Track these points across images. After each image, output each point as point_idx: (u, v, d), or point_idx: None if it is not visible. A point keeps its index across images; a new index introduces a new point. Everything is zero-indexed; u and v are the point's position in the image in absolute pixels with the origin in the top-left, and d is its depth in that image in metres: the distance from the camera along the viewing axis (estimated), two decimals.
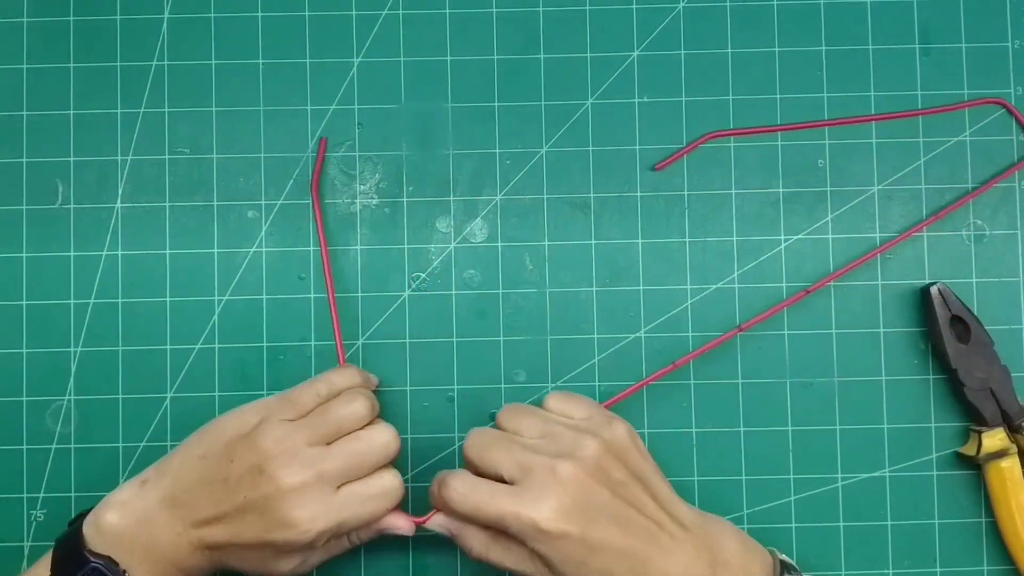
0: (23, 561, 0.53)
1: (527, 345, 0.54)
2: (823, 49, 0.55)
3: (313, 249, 0.54)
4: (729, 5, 0.55)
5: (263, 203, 0.55)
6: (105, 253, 0.54)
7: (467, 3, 0.55)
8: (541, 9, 0.55)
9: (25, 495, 0.53)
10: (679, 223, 0.55)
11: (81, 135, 0.55)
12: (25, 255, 0.54)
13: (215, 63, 0.55)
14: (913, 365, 0.54)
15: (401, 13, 0.55)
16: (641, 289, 0.54)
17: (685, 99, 0.55)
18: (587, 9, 0.55)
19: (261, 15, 0.55)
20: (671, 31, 0.55)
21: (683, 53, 0.55)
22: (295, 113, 0.55)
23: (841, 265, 0.54)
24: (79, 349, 0.54)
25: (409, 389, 0.54)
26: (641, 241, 0.55)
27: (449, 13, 0.55)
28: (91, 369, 0.54)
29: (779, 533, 0.53)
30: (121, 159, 0.55)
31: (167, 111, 0.55)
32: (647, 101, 0.55)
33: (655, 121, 0.55)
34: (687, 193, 0.55)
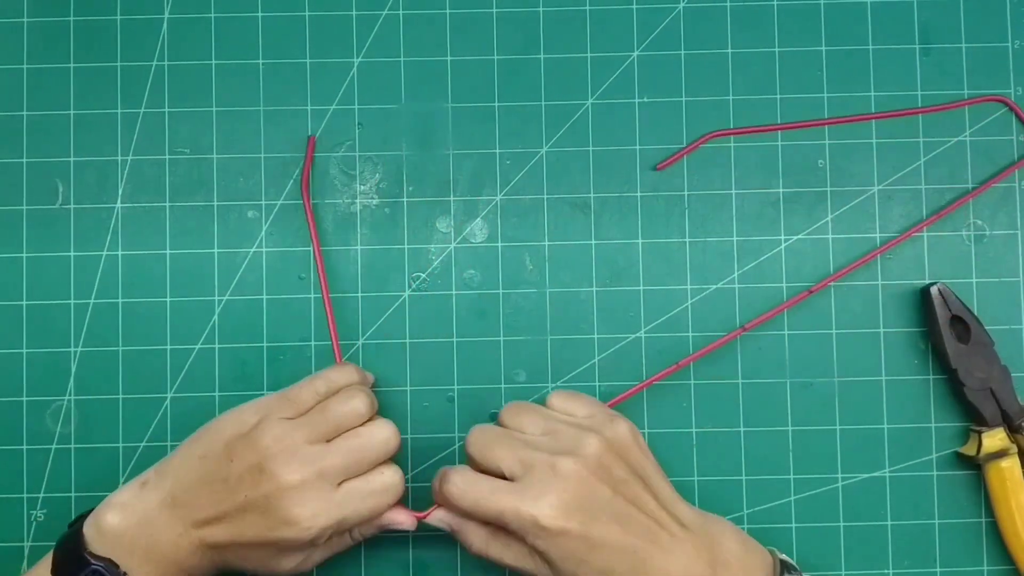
0: (23, 561, 0.53)
1: (527, 345, 0.54)
2: (823, 49, 0.55)
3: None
4: (729, 5, 0.55)
5: (263, 203, 0.55)
6: (105, 253, 0.54)
7: (467, 3, 0.55)
8: (541, 9, 0.55)
9: (25, 495, 0.53)
10: (679, 223, 0.55)
11: (81, 135, 0.55)
12: (25, 255, 0.54)
13: (215, 63, 0.55)
14: (913, 365, 0.54)
15: (401, 13, 0.55)
16: (641, 289, 0.54)
17: (685, 99, 0.55)
18: (587, 9, 0.55)
19: (261, 15, 0.55)
20: (671, 31, 0.55)
21: (683, 53, 0.55)
22: (295, 113, 0.55)
23: (841, 265, 0.54)
24: (79, 349, 0.54)
25: (409, 389, 0.54)
26: (641, 241, 0.55)
27: (449, 13, 0.55)
28: (91, 369, 0.54)
29: (779, 533, 0.53)
30: (121, 159, 0.55)
31: (167, 111, 0.55)
32: (647, 101, 0.55)
33: (655, 121, 0.55)
34: (687, 193, 0.55)
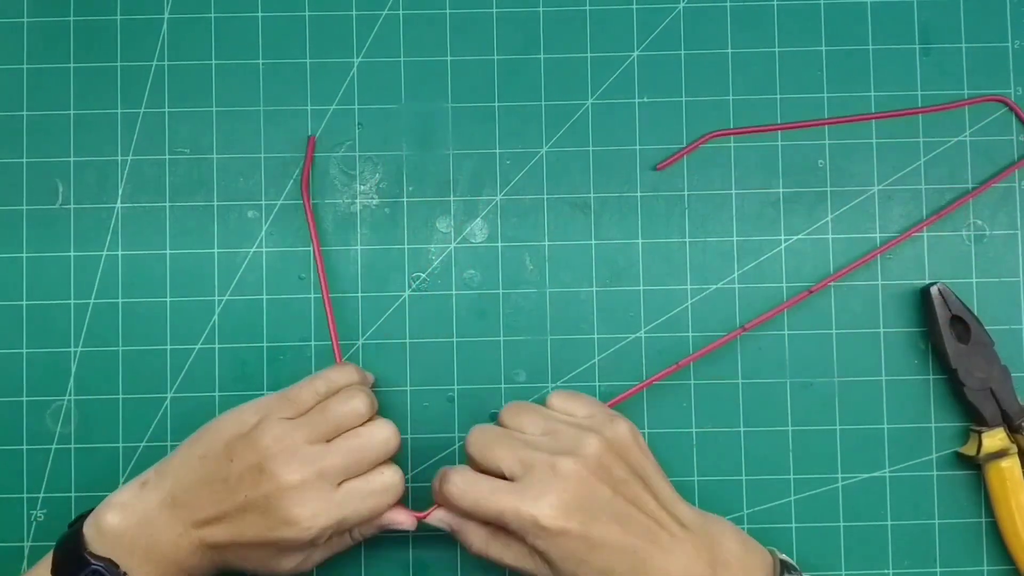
0: (23, 561, 0.53)
1: (527, 345, 0.54)
2: (823, 49, 0.55)
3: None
4: (729, 5, 0.55)
5: (263, 203, 0.55)
6: (105, 253, 0.54)
7: (467, 3, 0.55)
8: (541, 9, 0.55)
9: (25, 495, 0.53)
10: (679, 223, 0.55)
11: (81, 135, 0.55)
12: (25, 255, 0.54)
13: (215, 63, 0.55)
14: (913, 365, 0.54)
15: (401, 13, 0.55)
16: (641, 289, 0.54)
17: (685, 99, 0.55)
18: (587, 9, 0.55)
19: (261, 15, 0.55)
20: (671, 31, 0.55)
21: (683, 53, 0.55)
22: (295, 113, 0.55)
23: (841, 265, 0.54)
24: (79, 349, 0.54)
25: (409, 389, 0.54)
26: (641, 241, 0.55)
27: (449, 13, 0.55)
28: (91, 369, 0.54)
29: (779, 533, 0.53)
30: (121, 159, 0.55)
31: (167, 111, 0.55)
32: (647, 101, 0.55)
33: (655, 121, 0.55)
34: (687, 193, 0.55)
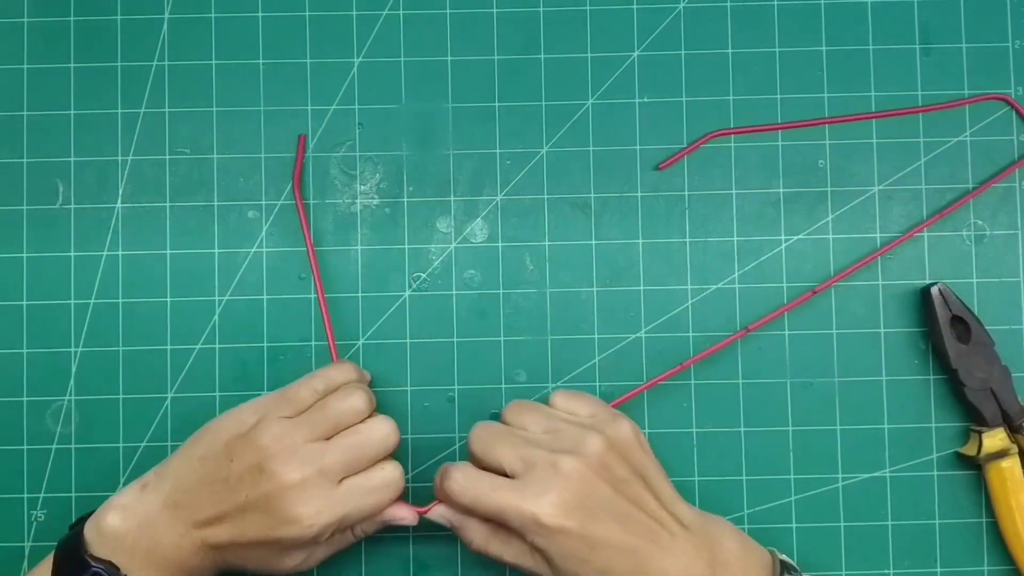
0: (23, 561, 0.53)
1: (527, 345, 0.54)
2: (823, 49, 0.55)
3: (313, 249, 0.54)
4: (729, 5, 0.55)
5: (263, 203, 0.55)
6: (105, 253, 0.54)
7: (467, 3, 0.55)
8: (541, 9, 0.55)
9: (25, 495, 0.53)
10: (679, 223, 0.55)
11: (81, 135, 0.55)
12: (25, 255, 0.54)
13: (215, 63, 0.55)
14: (913, 365, 0.54)
15: (401, 13, 0.55)
16: (642, 289, 0.54)
17: (685, 99, 0.55)
18: (587, 9, 0.55)
19: (261, 15, 0.55)
20: (671, 31, 0.55)
21: (683, 53, 0.55)
22: (295, 113, 0.55)
23: (841, 265, 0.54)
24: (79, 349, 0.54)
25: (409, 389, 0.54)
26: (642, 241, 0.55)
27: (449, 13, 0.55)
28: (91, 369, 0.54)
29: (779, 533, 0.53)
30: (121, 159, 0.55)
31: (167, 111, 0.55)
32: (647, 101, 0.55)
33: (655, 121, 0.55)
34: (687, 193, 0.55)
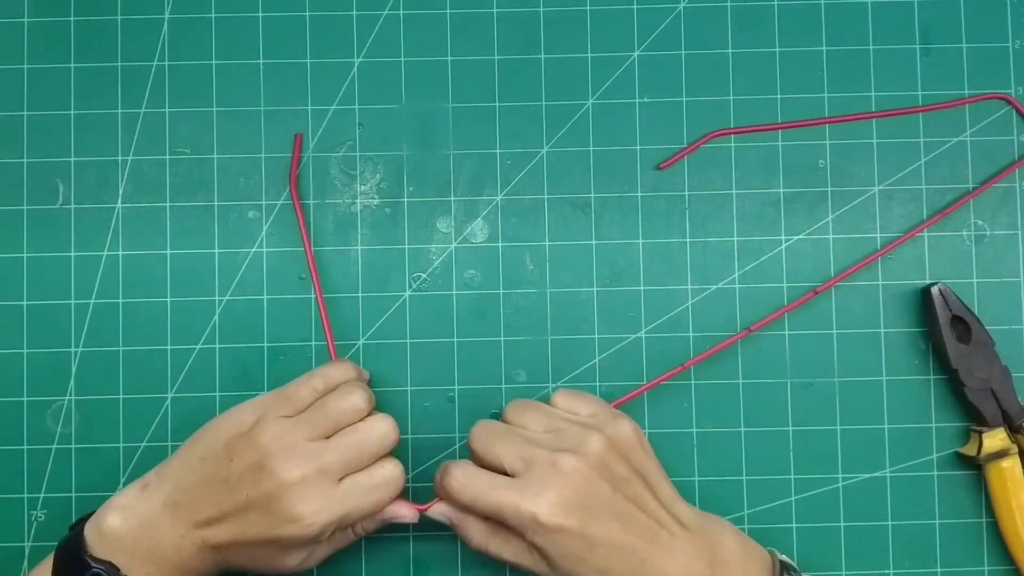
0: (23, 561, 0.53)
1: (527, 345, 0.54)
2: (824, 49, 0.55)
3: (313, 249, 0.54)
4: (730, 5, 0.55)
5: (264, 203, 0.55)
6: (106, 253, 0.54)
7: (467, 3, 0.55)
8: (541, 9, 0.55)
9: (26, 495, 0.53)
10: (680, 223, 0.55)
11: (81, 135, 0.55)
12: (26, 255, 0.54)
13: (215, 63, 0.55)
14: (914, 365, 0.54)
15: (401, 13, 0.55)
16: (642, 289, 0.54)
17: (686, 99, 0.55)
18: (587, 9, 0.55)
19: (261, 15, 0.55)
20: (672, 31, 0.55)
21: (684, 53, 0.55)
22: (295, 113, 0.55)
23: (842, 265, 0.54)
24: (80, 349, 0.54)
25: (409, 389, 0.54)
26: (642, 241, 0.55)
27: (449, 13, 0.55)
28: (92, 369, 0.54)
29: (779, 533, 0.53)
30: (121, 159, 0.55)
31: (167, 111, 0.55)
32: (648, 101, 0.55)
33: (656, 121, 0.55)
34: (688, 193, 0.55)
